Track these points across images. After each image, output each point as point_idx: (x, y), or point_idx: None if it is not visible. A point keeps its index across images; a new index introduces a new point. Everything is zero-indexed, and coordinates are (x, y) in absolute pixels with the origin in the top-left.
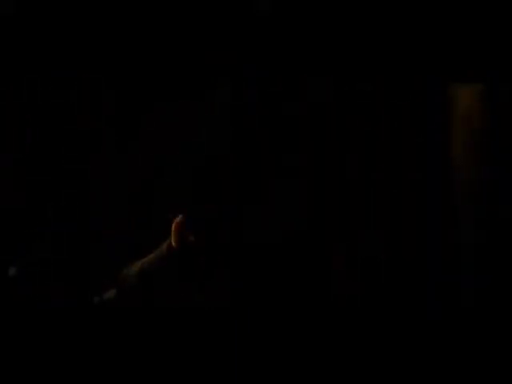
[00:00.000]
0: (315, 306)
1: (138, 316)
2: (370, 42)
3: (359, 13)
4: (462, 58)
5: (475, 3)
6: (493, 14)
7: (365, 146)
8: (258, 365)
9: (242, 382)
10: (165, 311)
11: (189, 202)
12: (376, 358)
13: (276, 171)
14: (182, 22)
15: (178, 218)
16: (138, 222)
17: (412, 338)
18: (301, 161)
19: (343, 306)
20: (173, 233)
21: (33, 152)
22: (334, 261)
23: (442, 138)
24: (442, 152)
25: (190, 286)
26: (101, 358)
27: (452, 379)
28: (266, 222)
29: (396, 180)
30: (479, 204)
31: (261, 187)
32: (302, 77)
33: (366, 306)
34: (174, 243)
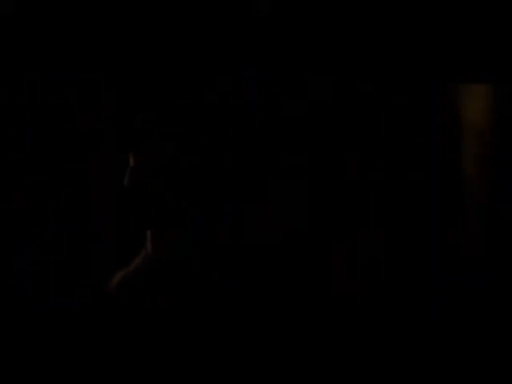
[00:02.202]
0: (315, 306)
1: (139, 316)
2: (370, 41)
3: (359, 13)
4: (462, 57)
5: (475, 3)
6: (493, 14)
7: (365, 146)
8: (258, 365)
9: (242, 382)
10: (165, 312)
11: (188, 201)
12: (376, 358)
13: (276, 171)
14: (181, 22)
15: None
16: (137, 221)
17: (412, 338)
18: (301, 161)
19: (343, 306)
20: (148, 240)
21: (33, 152)
22: (334, 261)
23: (443, 138)
24: (442, 152)
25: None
26: (101, 357)
27: (452, 379)
28: (265, 221)
29: (396, 180)
30: (481, 204)
31: (261, 187)
32: (302, 77)
33: (366, 306)
34: (149, 249)
